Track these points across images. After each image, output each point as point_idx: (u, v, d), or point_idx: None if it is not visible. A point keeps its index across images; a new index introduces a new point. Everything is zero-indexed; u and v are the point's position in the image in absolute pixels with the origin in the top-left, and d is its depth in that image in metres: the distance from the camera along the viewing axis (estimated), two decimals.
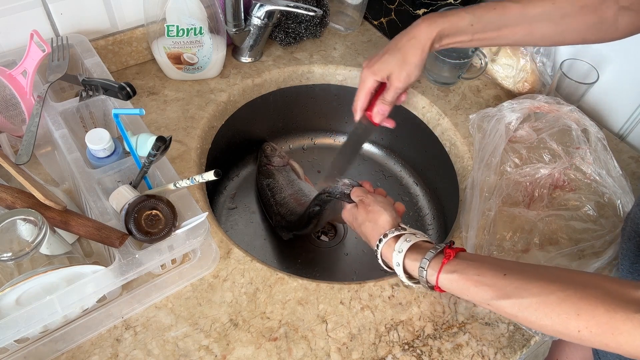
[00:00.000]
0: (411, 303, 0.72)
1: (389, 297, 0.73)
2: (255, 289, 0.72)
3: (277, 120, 1.17)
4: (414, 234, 0.68)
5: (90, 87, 0.74)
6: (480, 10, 0.76)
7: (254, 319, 0.69)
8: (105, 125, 0.82)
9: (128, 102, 0.75)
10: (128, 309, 0.67)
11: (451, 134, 1.00)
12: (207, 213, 0.66)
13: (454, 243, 0.66)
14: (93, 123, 0.82)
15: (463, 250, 0.65)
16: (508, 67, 1.04)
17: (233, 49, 1.08)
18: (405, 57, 0.78)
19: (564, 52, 1.04)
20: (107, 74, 0.82)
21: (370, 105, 0.86)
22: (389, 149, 1.23)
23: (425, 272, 0.64)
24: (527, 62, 1.02)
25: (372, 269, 0.99)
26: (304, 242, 1.05)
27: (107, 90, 0.71)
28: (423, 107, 1.06)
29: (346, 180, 0.80)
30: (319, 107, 1.17)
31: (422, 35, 0.77)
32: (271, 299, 0.71)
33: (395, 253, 0.67)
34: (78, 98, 0.77)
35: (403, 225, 0.71)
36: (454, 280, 0.61)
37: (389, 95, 0.83)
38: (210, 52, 0.96)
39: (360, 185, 0.79)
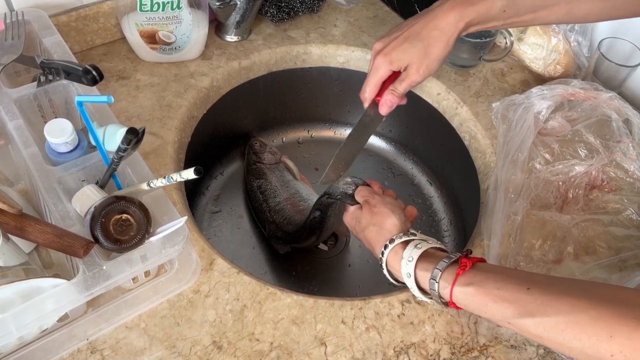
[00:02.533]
0: (424, 322, 0.72)
1: (398, 316, 0.73)
2: (242, 306, 0.72)
3: (268, 109, 1.17)
4: (425, 240, 0.68)
5: (50, 70, 0.74)
6: None
7: (240, 341, 0.69)
8: (67, 115, 0.82)
9: (94, 88, 0.75)
10: (94, 330, 0.67)
11: (471, 125, 1.00)
12: (186, 217, 0.66)
13: (471, 252, 0.66)
14: (53, 112, 0.82)
15: (483, 260, 0.65)
16: (537, 47, 1.05)
17: (216, 26, 1.08)
18: (428, 49, 0.79)
19: (602, 30, 1.04)
20: (70, 55, 0.82)
21: (378, 93, 0.86)
22: (399, 143, 1.23)
23: (436, 284, 0.64)
24: (560, 41, 1.02)
25: (379, 282, 0.99)
26: (300, 252, 1.05)
27: (70, 74, 0.71)
28: (438, 94, 1.06)
29: (348, 179, 0.80)
30: (317, 93, 1.18)
31: (448, 27, 0.78)
32: (261, 317, 0.71)
33: (404, 262, 0.67)
34: (36, 83, 0.77)
35: (413, 231, 0.71)
36: (470, 295, 0.61)
37: (402, 87, 0.83)
38: (190, 29, 0.96)
39: (367, 185, 0.79)
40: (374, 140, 1.24)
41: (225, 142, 1.15)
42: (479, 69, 1.08)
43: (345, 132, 1.25)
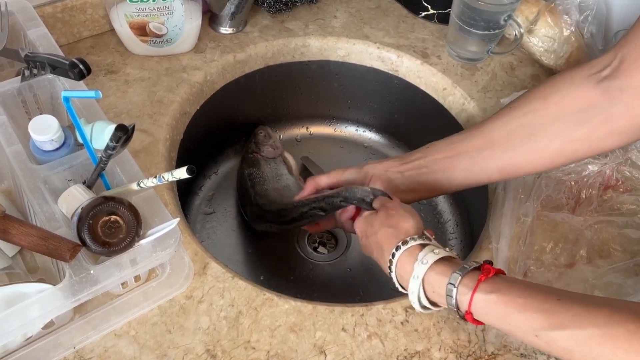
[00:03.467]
0: (429, 330, 0.72)
1: (401, 323, 0.73)
2: (237, 313, 0.72)
3: (265, 105, 1.17)
4: (442, 248, 0.67)
5: (35, 64, 0.74)
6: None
7: (235, 350, 0.69)
8: (53, 111, 0.82)
9: (81, 82, 0.75)
10: (81, 337, 0.67)
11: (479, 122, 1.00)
12: (178, 219, 0.66)
13: (492, 263, 0.64)
14: (38, 109, 0.82)
15: (503, 272, 0.64)
16: (548, 40, 1.05)
17: (210, 18, 1.08)
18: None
19: (617, 21, 1.04)
20: (56, 48, 0.82)
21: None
22: (402, 140, 1.23)
23: (455, 290, 0.62)
24: (572, 33, 1.02)
25: (381, 287, 0.99)
26: (298, 255, 1.05)
27: (56, 68, 0.71)
28: (444, 89, 1.06)
29: (367, 188, 0.80)
30: (316, 88, 1.18)
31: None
32: (257, 324, 0.71)
33: (417, 264, 0.65)
34: (20, 78, 0.77)
35: (428, 236, 0.70)
36: (493, 303, 0.59)
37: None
38: (182, 21, 0.96)
39: (387, 196, 0.78)
40: (376, 138, 1.25)
41: (220, 139, 1.15)
42: (487, 63, 1.08)
43: (345, 130, 1.26)
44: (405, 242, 0.68)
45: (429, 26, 1.14)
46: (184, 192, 1.09)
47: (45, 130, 0.71)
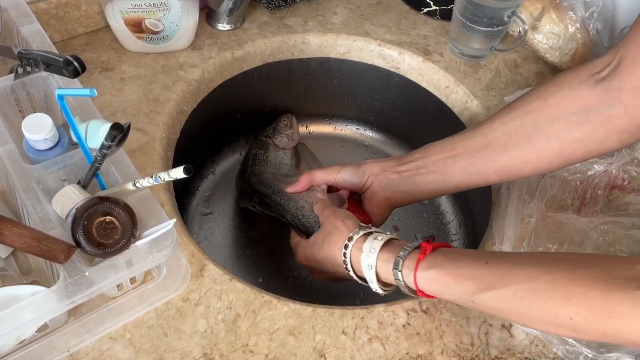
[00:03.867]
0: (431, 333, 0.72)
1: (403, 326, 0.73)
2: (235, 315, 0.72)
3: (263, 103, 1.17)
4: (384, 233, 0.72)
5: (28, 61, 0.74)
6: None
7: (233, 353, 0.69)
8: (47, 109, 0.82)
9: (76, 80, 0.75)
10: (75, 341, 0.67)
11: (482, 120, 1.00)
12: (175, 220, 0.66)
13: (434, 238, 0.69)
14: (32, 107, 0.82)
15: (446, 245, 0.68)
16: (553, 37, 1.05)
17: (207, 14, 1.08)
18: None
19: (624, 17, 1.05)
20: (50, 45, 0.82)
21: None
22: (403, 139, 1.23)
23: (400, 273, 0.66)
24: (578, 29, 1.02)
25: None
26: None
27: (50, 65, 0.71)
28: (447, 87, 1.06)
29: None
30: (316, 86, 1.18)
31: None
32: (255, 327, 0.71)
33: (364, 255, 0.70)
34: (13, 75, 0.77)
35: (364, 225, 0.75)
36: (432, 279, 0.64)
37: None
38: (179, 17, 0.96)
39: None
40: (377, 137, 1.25)
41: (217, 138, 1.15)
42: (490, 60, 1.08)
43: (345, 128, 1.26)
44: (350, 239, 0.72)
45: (431, 23, 1.14)
46: (181, 193, 1.09)
47: (39, 129, 0.70)
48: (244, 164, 1.08)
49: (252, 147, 1.11)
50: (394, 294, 0.72)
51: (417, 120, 1.17)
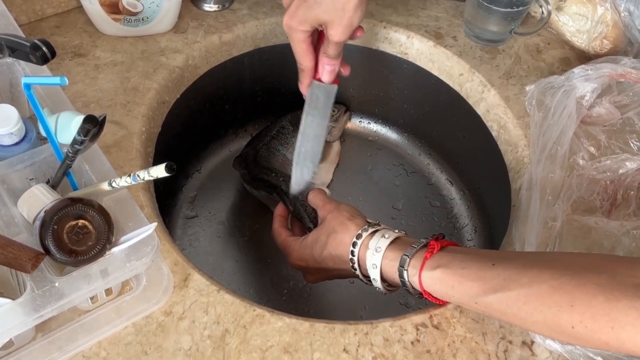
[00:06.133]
0: (443, 351, 0.72)
1: (412, 342, 0.73)
2: (223, 331, 0.72)
3: (255, 92, 1.17)
4: (392, 230, 0.75)
5: None
6: None
7: None
8: (12, 100, 0.82)
9: (45, 67, 0.75)
10: (44, 359, 0.67)
11: (500, 112, 1.00)
12: (155, 223, 0.66)
13: (444, 236, 0.70)
14: None
15: (455, 244, 0.71)
16: (580, 18, 1.05)
17: None
18: None
19: None
20: (15, 28, 0.82)
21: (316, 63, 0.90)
22: (413, 133, 1.23)
23: (405, 272, 0.68)
24: (607, 10, 1.02)
25: (388, 302, 0.99)
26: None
27: (15, 50, 0.71)
28: (460, 75, 1.06)
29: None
30: None
31: None
32: (246, 345, 0.71)
33: (369, 253, 0.73)
34: None
35: (372, 222, 0.77)
36: (438, 279, 0.66)
37: (331, 49, 0.85)
38: None
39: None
40: (382, 130, 1.25)
41: (203, 132, 1.15)
42: (509, 45, 1.08)
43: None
44: (359, 236, 0.75)
45: (443, 3, 1.15)
46: (163, 193, 1.09)
47: (3, 122, 0.70)
48: (267, 130, 1.12)
49: (286, 118, 1.14)
50: (401, 307, 0.73)
51: (427, 112, 1.17)
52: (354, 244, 0.75)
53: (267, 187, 1.01)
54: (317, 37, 0.88)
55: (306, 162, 0.93)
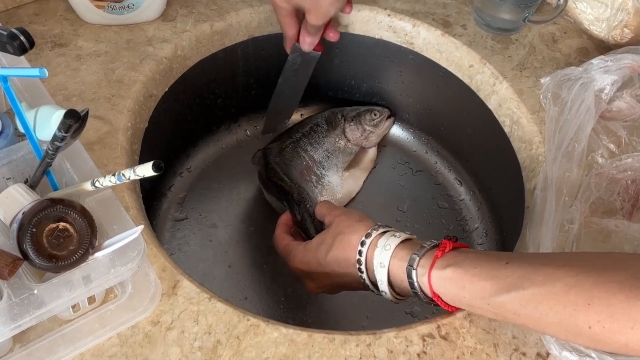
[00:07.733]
0: None
1: (418, 355, 0.73)
2: (215, 342, 0.72)
3: (249, 85, 1.17)
4: (404, 232, 0.75)
5: None
6: None
7: None
8: None
9: (22, 58, 0.75)
10: None
11: (513, 106, 1.00)
12: (142, 226, 0.66)
13: (457, 239, 0.72)
14: None
15: (467, 246, 0.72)
16: (599, 5, 1.05)
17: None
18: None
19: None
20: None
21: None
22: (420, 129, 1.23)
23: (414, 271, 0.69)
24: None
25: (393, 311, 1.00)
26: (290, 271, 1.05)
27: None
28: (470, 67, 1.06)
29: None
30: None
31: None
32: (239, 357, 0.71)
33: (378, 251, 0.74)
34: None
35: (382, 224, 0.78)
36: (448, 279, 0.67)
37: (311, 28, 0.98)
38: None
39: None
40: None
41: (193, 128, 1.15)
42: (523, 34, 1.08)
43: None
44: (368, 235, 0.76)
45: None
46: (150, 194, 1.09)
47: None
48: (300, 125, 1.16)
49: (322, 115, 1.16)
50: (406, 316, 0.73)
51: (435, 106, 1.17)
52: (362, 243, 0.75)
53: (279, 192, 1.03)
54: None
55: (278, 115, 1.12)
